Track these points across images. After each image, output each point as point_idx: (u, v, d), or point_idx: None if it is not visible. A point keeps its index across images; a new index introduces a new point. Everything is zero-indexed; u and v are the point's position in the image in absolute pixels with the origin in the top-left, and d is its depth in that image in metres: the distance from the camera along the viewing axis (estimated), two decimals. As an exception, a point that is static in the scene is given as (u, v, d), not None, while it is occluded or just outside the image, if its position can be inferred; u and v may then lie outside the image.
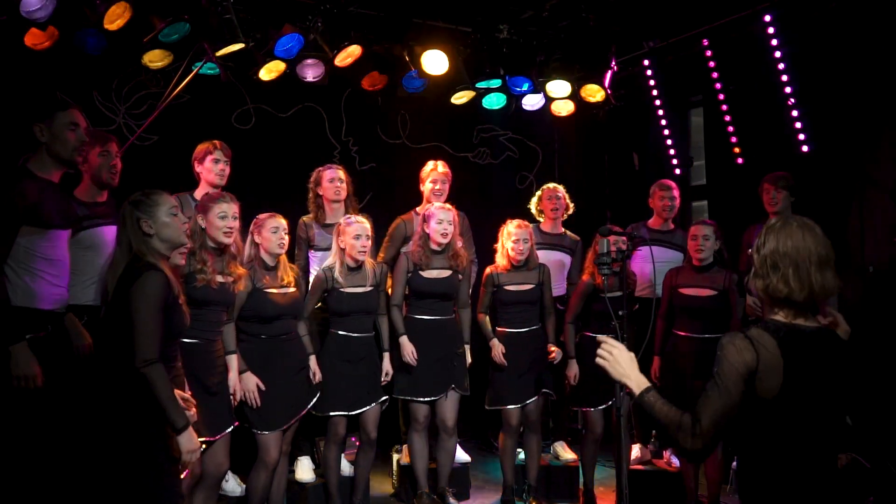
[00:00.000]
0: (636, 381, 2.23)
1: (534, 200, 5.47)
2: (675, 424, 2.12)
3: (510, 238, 4.65)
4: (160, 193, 3.03)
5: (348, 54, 5.38)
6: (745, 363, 2.05)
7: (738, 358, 2.06)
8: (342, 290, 4.34)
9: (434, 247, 4.57)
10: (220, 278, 3.79)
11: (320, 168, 4.88)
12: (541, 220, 5.40)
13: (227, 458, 3.80)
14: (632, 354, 2.28)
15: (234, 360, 3.93)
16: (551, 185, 5.46)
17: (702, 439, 2.07)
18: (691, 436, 2.08)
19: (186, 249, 3.50)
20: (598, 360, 2.29)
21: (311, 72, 5.51)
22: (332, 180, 4.79)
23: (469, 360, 4.73)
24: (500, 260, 4.73)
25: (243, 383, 3.96)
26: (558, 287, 5.24)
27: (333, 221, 4.64)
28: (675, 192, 5.41)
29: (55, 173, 3.50)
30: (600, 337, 2.35)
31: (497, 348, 4.65)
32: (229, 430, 3.77)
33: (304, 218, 4.88)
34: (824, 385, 2.10)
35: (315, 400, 4.30)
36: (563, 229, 5.43)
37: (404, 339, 4.52)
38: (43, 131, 3.42)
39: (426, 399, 4.57)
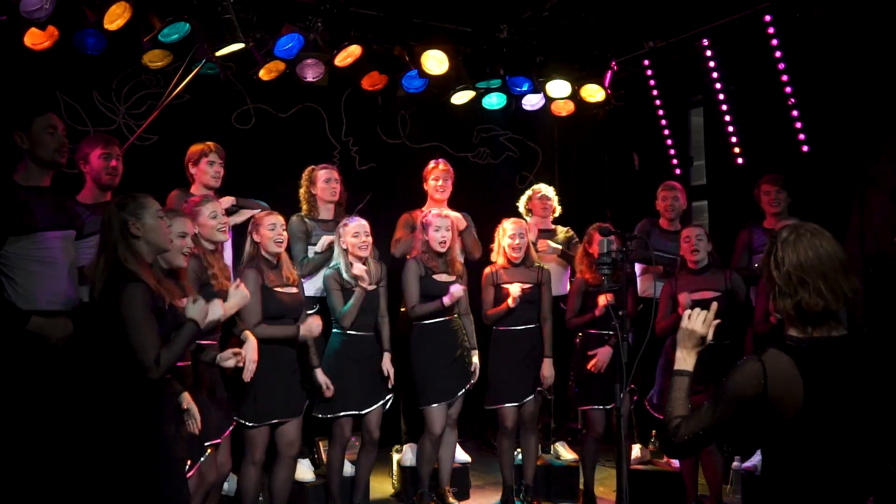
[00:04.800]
0: (685, 358, 2.21)
1: (523, 199, 5.51)
2: (668, 417, 2.14)
3: (506, 234, 4.67)
4: (146, 196, 3.00)
5: (348, 54, 5.37)
6: (752, 388, 1.99)
7: (744, 381, 2.00)
8: (349, 289, 4.36)
9: (439, 250, 4.57)
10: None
11: (314, 166, 4.84)
12: (528, 218, 5.41)
13: (229, 458, 3.81)
14: (706, 335, 2.22)
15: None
16: (544, 186, 5.51)
17: (676, 442, 2.10)
18: (669, 435, 2.12)
19: (190, 252, 3.47)
20: (682, 319, 2.24)
21: (311, 72, 5.49)
22: (329, 181, 4.77)
23: (476, 363, 4.69)
24: (498, 259, 4.73)
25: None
26: (561, 285, 5.25)
27: (327, 219, 4.74)
28: (679, 194, 5.41)
29: (44, 178, 3.53)
30: (686, 299, 2.27)
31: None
32: (230, 428, 3.78)
33: (295, 217, 4.75)
34: (852, 396, 2.01)
35: (317, 403, 4.29)
36: (552, 224, 5.48)
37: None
38: (23, 139, 3.46)
39: (449, 401, 4.55)
